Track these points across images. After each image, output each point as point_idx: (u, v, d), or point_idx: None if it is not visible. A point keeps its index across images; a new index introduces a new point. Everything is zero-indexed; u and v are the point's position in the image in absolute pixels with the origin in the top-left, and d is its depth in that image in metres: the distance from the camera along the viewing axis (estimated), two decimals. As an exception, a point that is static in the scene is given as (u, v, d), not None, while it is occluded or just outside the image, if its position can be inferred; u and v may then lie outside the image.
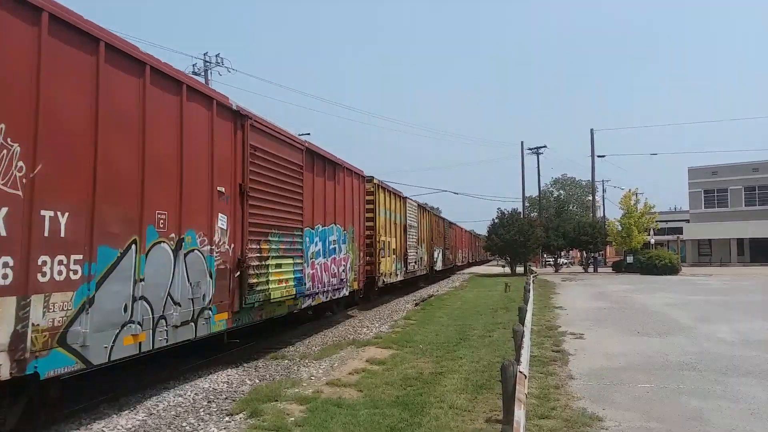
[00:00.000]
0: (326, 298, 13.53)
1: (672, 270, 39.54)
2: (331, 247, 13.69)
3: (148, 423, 6.53)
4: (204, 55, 36.13)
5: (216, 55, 36.22)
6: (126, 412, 6.93)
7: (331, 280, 13.71)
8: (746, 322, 14.23)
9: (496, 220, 44.99)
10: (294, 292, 11.11)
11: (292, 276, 11.00)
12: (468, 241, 56.51)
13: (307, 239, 11.91)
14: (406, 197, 23.61)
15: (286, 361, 10.01)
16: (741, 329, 13.02)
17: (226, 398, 7.59)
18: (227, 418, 6.67)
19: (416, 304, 20.06)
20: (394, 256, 21.07)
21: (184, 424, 6.46)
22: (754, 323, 14.09)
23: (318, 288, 12.71)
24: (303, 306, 12.17)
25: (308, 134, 15.72)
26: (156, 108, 7.07)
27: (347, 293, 15.27)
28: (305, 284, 11.71)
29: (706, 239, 59.64)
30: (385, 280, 19.71)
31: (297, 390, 7.82)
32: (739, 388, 7.66)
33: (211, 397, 7.66)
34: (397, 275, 21.65)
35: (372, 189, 18.33)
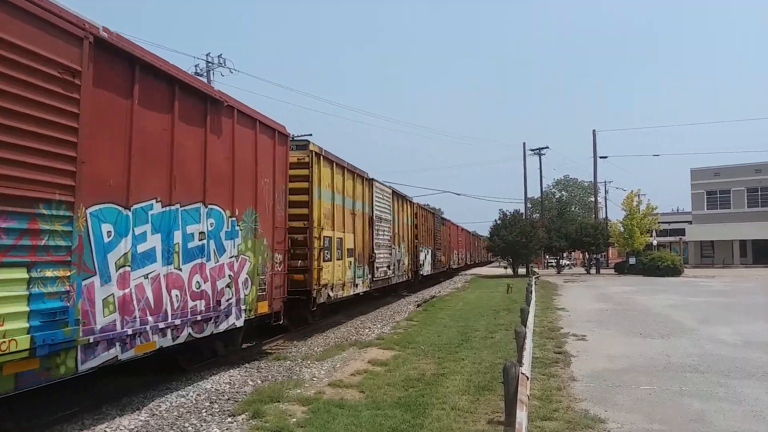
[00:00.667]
0: (175, 338, 7.42)
1: (674, 271, 39.49)
2: (193, 245, 7.84)
3: (150, 424, 6.54)
4: (206, 55, 36.27)
5: (218, 56, 36.33)
6: (128, 412, 6.94)
7: (193, 304, 7.80)
8: (748, 324, 14.20)
9: (498, 221, 44.99)
10: (26, 346, 5.08)
11: (24, 308, 5.08)
12: (466, 240, 51.31)
13: (106, 229, 6.18)
14: (373, 179, 17.95)
15: (289, 362, 10.01)
16: (743, 331, 12.99)
17: (229, 399, 7.59)
18: (229, 419, 6.68)
19: (418, 305, 20.05)
20: (351, 259, 15.56)
21: (186, 425, 6.47)
22: (756, 325, 14.06)
23: (145, 324, 6.77)
24: (85, 366, 5.92)
25: (310, 135, 14.50)
26: None
27: (241, 323, 9.20)
28: (85, 321, 5.81)
29: (708, 241, 59.55)
30: (333, 293, 13.87)
31: (299, 391, 7.82)
32: (741, 390, 7.65)
33: (214, 397, 7.67)
34: (355, 285, 15.91)
35: (306, 159, 12.57)
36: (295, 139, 12.53)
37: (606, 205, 72.97)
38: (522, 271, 44.63)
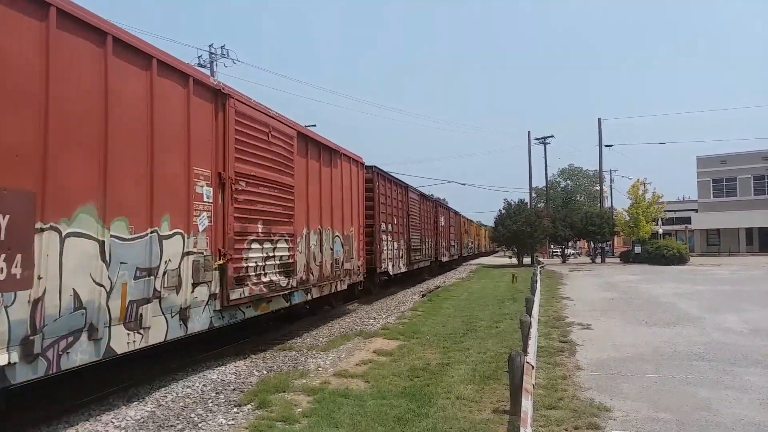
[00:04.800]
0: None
1: (680, 260, 39.32)
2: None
3: (156, 414, 6.57)
4: (209, 46, 36.21)
5: (221, 47, 36.24)
6: (135, 403, 6.98)
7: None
8: (755, 312, 14.14)
9: (502, 211, 44.85)
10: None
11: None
12: (432, 219, 28.94)
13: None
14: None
15: (294, 353, 10.04)
16: (750, 319, 12.94)
17: (234, 389, 7.62)
18: (235, 409, 6.71)
19: (423, 296, 20.07)
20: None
21: (192, 415, 6.50)
22: (763, 313, 14.00)
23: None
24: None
25: (314, 125, 15.26)
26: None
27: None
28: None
29: (714, 229, 59.24)
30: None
31: (304, 381, 7.85)
32: (748, 378, 7.62)
33: (219, 388, 7.70)
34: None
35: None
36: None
37: (611, 194, 72.58)
38: (527, 260, 44.55)
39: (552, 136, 56.70)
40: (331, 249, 13.10)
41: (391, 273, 19.37)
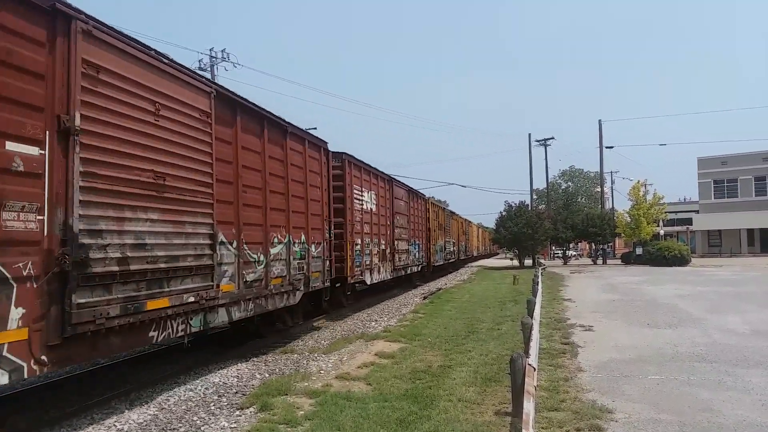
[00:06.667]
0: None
1: (682, 261, 39.28)
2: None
3: (159, 417, 6.58)
4: (210, 50, 36.19)
5: (222, 50, 36.26)
6: (137, 407, 6.99)
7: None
8: (757, 313, 14.12)
9: (503, 213, 44.84)
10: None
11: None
12: (346, 194, 14.87)
13: None
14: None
15: (296, 356, 10.05)
16: (752, 320, 12.92)
17: (237, 392, 7.63)
18: (238, 412, 6.72)
19: (424, 298, 20.07)
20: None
21: (195, 419, 6.51)
22: (764, 314, 13.98)
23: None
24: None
25: (314, 128, 15.03)
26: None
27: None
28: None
29: (715, 230, 59.18)
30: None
31: (306, 384, 7.86)
32: (750, 379, 7.62)
33: (222, 391, 7.71)
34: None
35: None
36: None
37: (612, 196, 72.54)
38: (528, 262, 44.53)
39: (552, 138, 56.70)
40: None
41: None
